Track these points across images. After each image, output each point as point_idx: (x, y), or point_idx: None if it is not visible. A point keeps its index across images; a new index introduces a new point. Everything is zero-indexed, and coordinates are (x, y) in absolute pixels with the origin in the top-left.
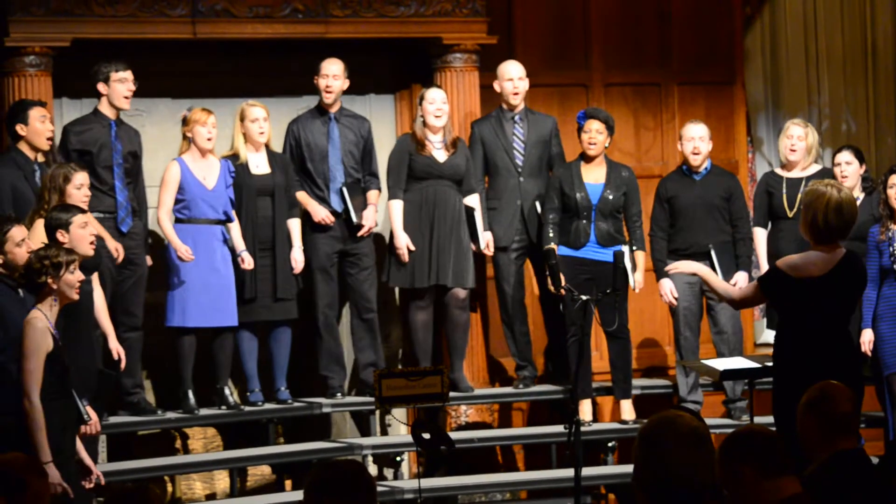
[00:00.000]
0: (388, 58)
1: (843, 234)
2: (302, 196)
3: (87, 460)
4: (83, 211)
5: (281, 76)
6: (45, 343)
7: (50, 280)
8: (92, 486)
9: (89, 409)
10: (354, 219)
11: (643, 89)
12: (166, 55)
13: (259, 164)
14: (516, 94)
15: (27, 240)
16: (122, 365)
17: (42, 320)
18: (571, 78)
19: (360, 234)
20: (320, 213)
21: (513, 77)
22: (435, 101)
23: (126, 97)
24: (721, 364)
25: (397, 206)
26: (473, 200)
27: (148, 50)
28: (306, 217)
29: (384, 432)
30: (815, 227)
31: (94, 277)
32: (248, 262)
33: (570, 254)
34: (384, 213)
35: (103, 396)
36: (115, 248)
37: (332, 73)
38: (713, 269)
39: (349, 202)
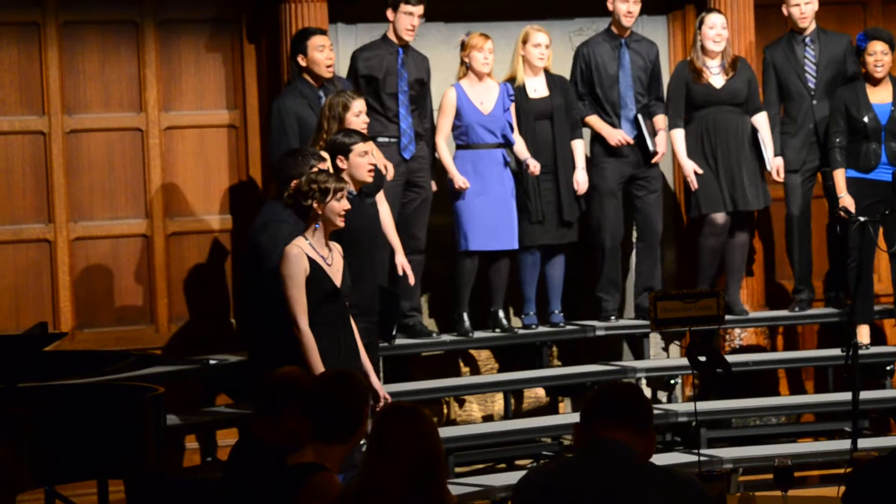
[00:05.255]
0: None
1: None
2: (594, 120)
3: (376, 383)
4: (365, 138)
5: None
6: (300, 268)
7: (315, 204)
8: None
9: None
10: (651, 145)
11: None
12: None
13: (537, 88)
14: (804, 17)
15: None
16: (411, 280)
17: (298, 247)
18: None
19: (653, 160)
20: (616, 136)
21: (799, 1)
22: (715, 26)
23: (409, 30)
24: None
25: (679, 134)
26: (760, 119)
27: None
28: (598, 140)
29: (660, 355)
30: None
31: (380, 196)
32: (534, 167)
33: (860, 176)
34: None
35: (390, 316)
36: (385, 164)
37: None
38: None
39: (644, 129)
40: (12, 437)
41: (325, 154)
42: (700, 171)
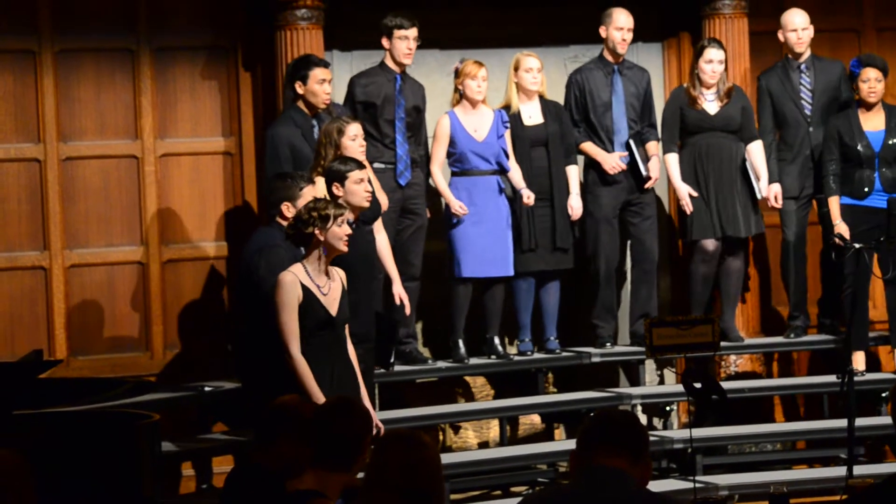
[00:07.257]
0: (655, 6)
1: None
2: (589, 147)
3: (371, 409)
4: (361, 166)
5: (549, 26)
6: (293, 295)
7: (317, 232)
8: (372, 434)
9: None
10: (643, 171)
11: None
12: (434, 6)
13: (532, 115)
14: (801, 42)
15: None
16: (407, 310)
17: (293, 274)
18: (842, 23)
19: (646, 185)
20: (611, 161)
21: (797, 27)
22: (712, 61)
23: (407, 53)
24: None
25: (673, 159)
26: (756, 147)
27: (417, 0)
28: (592, 167)
29: (655, 382)
30: None
31: (378, 224)
32: (528, 197)
33: (854, 203)
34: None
35: (388, 343)
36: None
37: (628, 26)
38: None
39: (637, 154)
40: None
41: (315, 178)
42: (695, 194)
